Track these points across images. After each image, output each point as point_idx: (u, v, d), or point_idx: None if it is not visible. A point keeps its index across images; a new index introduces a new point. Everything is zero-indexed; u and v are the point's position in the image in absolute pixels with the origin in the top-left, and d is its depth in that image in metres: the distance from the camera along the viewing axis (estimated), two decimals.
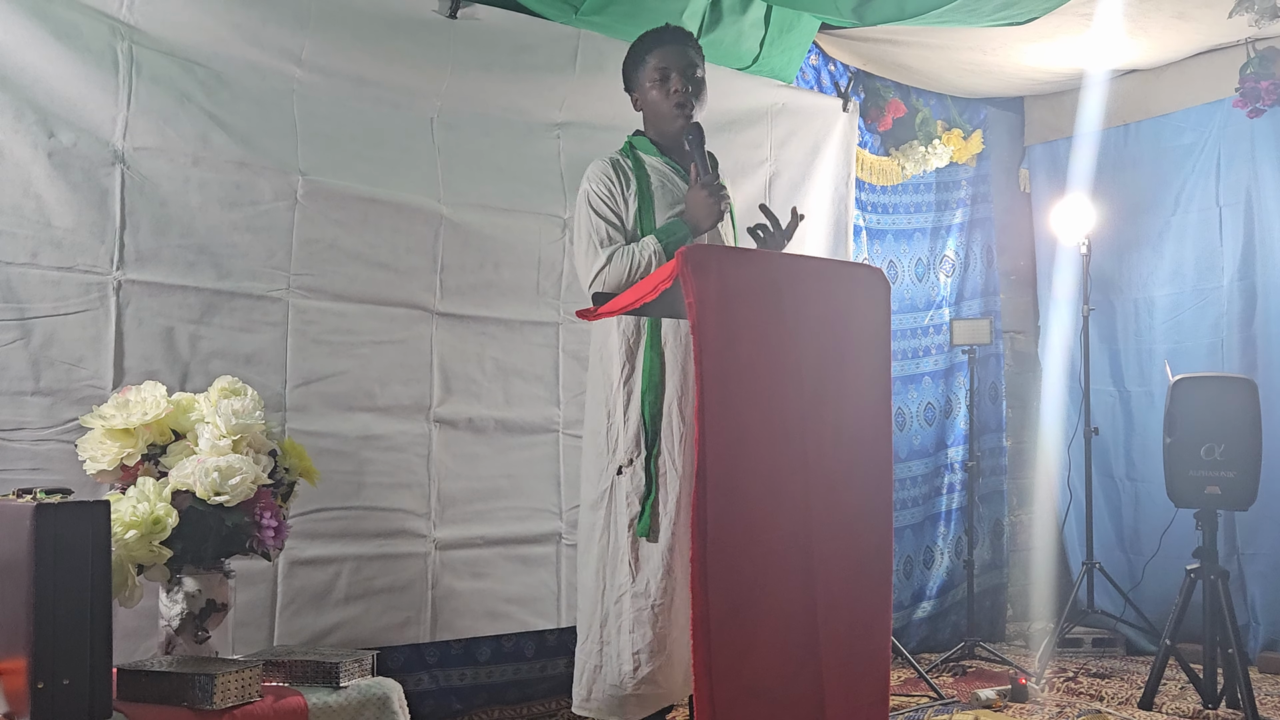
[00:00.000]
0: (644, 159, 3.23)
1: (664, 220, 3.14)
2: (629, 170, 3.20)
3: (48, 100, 2.96)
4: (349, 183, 3.48)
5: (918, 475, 5.41)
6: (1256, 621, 5.05)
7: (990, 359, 5.72)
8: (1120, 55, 5.14)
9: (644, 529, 3.03)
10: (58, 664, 2.05)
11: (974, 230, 5.72)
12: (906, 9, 4.03)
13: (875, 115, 5.20)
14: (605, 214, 3.14)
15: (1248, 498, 4.07)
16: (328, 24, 3.40)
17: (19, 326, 2.91)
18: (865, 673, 2.69)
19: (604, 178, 3.18)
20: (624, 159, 3.23)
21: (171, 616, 2.52)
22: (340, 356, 3.44)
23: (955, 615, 5.45)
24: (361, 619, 3.43)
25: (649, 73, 3.24)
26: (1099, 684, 4.62)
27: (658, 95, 3.22)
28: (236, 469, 2.48)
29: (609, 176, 3.18)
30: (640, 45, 3.29)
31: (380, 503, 3.47)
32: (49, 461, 2.90)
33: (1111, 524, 5.59)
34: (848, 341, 2.73)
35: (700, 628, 2.36)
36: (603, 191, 3.17)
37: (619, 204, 3.16)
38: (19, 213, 2.92)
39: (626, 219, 3.15)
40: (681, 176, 3.22)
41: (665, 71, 3.21)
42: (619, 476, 3.08)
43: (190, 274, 3.18)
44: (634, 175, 3.19)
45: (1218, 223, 5.31)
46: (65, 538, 2.08)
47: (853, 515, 2.66)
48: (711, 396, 2.42)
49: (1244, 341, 5.15)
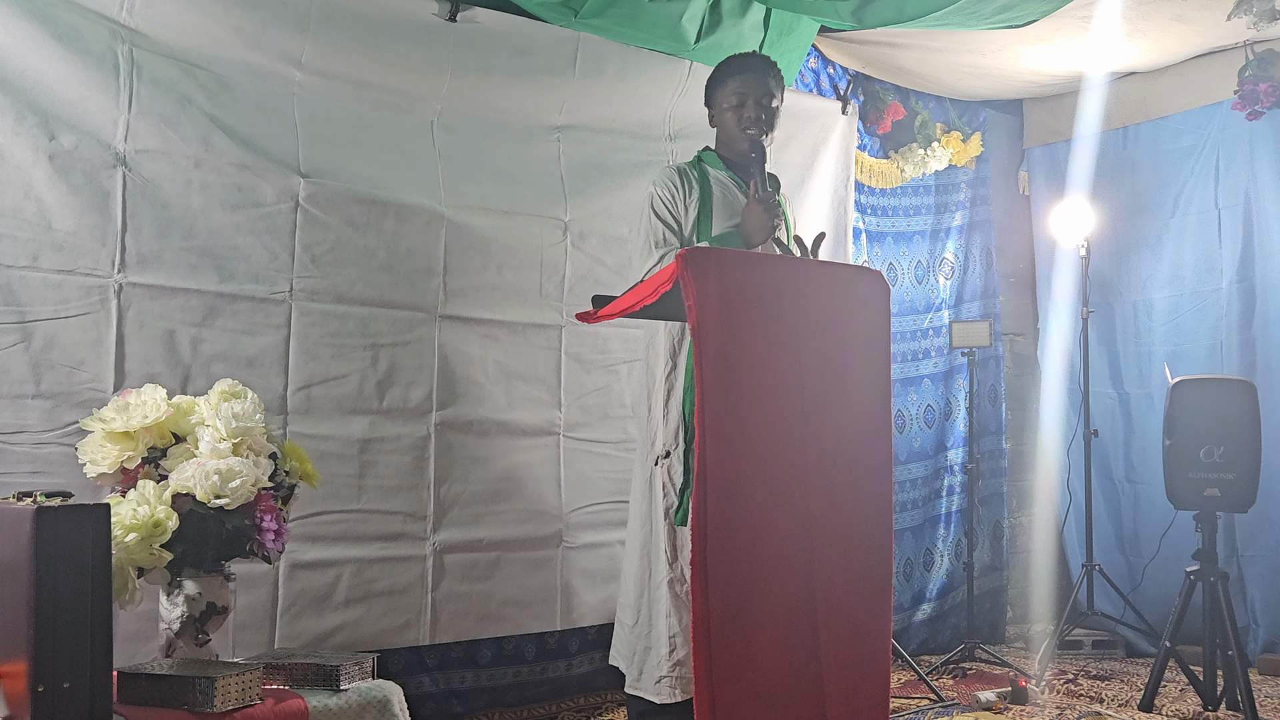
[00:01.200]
0: (710, 171, 3.41)
1: (721, 230, 3.29)
2: (694, 179, 3.37)
3: (49, 103, 2.97)
4: (350, 185, 3.48)
5: (917, 478, 5.41)
6: (1256, 623, 5.05)
7: (990, 361, 5.72)
8: (1119, 58, 5.15)
9: (681, 518, 3.20)
10: (58, 667, 2.05)
11: (973, 233, 5.73)
12: (905, 12, 4.03)
13: (874, 118, 5.20)
14: (665, 217, 3.31)
15: (1247, 499, 4.08)
16: (328, 27, 3.41)
17: (20, 329, 2.91)
18: (866, 675, 2.68)
19: (669, 183, 3.36)
20: (691, 169, 3.40)
21: (172, 619, 2.52)
22: (342, 359, 3.45)
23: (955, 617, 5.45)
24: (362, 622, 3.43)
25: (727, 95, 3.42)
26: (1099, 686, 4.62)
27: (732, 118, 3.40)
28: (237, 472, 2.48)
29: (674, 182, 3.36)
30: (725, 67, 3.48)
31: (381, 506, 3.47)
32: (49, 465, 2.91)
33: (1111, 526, 5.59)
34: (848, 344, 2.73)
35: (701, 630, 2.36)
36: (666, 196, 3.34)
37: (680, 209, 3.33)
38: (20, 215, 2.92)
39: (685, 224, 3.32)
40: (743, 191, 3.36)
41: (743, 97, 3.39)
42: (656, 467, 3.25)
43: (192, 276, 3.19)
44: (698, 184, 3.36)
45: (1216, 225, 5.31)
46: (66, 541, 2.07)
47: (853, 517, 2.66)
48: (711, 399, 2.42)
49: (1243, 344, 5.15)
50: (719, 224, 3.32)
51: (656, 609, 3.21)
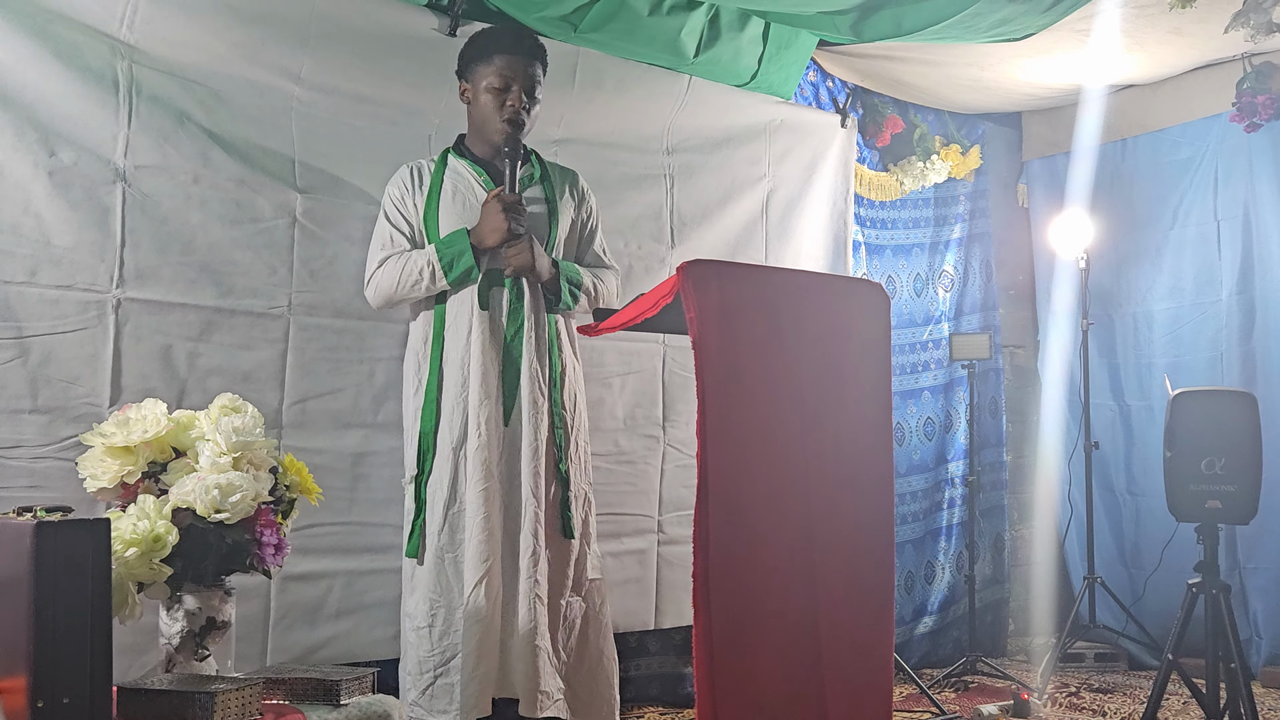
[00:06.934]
0: (450, 162, 3.27)
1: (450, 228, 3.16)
2: (426, 174, 3.24)
3: (48, 119, 2.97)
4: (348, 200, 3.48)
5: (918, 490, 5.40)
6: (1259, 635, 5.04)
7: (990, 374, 5.72)
8: (1117, 70, 5.16)
9: (412, 549, 3.14)
10: (58, 682, 2.04)
11: (972, 245, 5.73)
12: (904, 25, 4.04)
13: (873, 131, 5.21)
14: (395, 218, 3.21)
15: (1249, 511, 4.06)
16: (327, 42, 3.41)
17: (17, 345, 2.91)
18: (868, 688, 2.68)
19: (400, 181, 3.24)
20: (431, 163, 3.27)
21: (171, 634, 2.51)
22: (339, 373, 3.45)
23: (957, 630, 5.43)
24: (353, 633, 3.43)
25: (490, 74, 3.19)
26: (1101, 699, 4.61)
27: (491, 102, 3.20)
28: (236, 486, 2.47)
29: (404, 181, 3.23)
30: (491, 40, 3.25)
31: (373, 518, 3.46)
32: (46, 479, 2.91)
33: (1112, 538, 5.58)
34: (848, 356, 2.73)
35: (703, 643, 2.35)
36: (395, 194, 3.23)
37: (409, 208, 3.23)
38: (19, 231, 2.92)
39: (414, 223, 3.20)
40: (483, 185, 3.23)
41: (508, 81, 3.19)
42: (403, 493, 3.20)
43: (190, 292, 3.19)
44: (430, 178, 3.23)
45: (1216, 237, 5.32)
46: (66, 556, 2.07)
47: (854, 530, 2.66)
48: (712, 411, 2.41)
49: (1243, 355, 5.15)
50: (448, 222, 3.18)
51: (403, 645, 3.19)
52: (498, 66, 3.19)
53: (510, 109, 3.18)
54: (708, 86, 4.32)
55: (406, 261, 3.14)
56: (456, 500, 3.14)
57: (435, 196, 3.21)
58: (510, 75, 3.19)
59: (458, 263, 3.13)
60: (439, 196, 3.22)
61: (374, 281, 3.20)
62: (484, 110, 3.22)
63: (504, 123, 3.19)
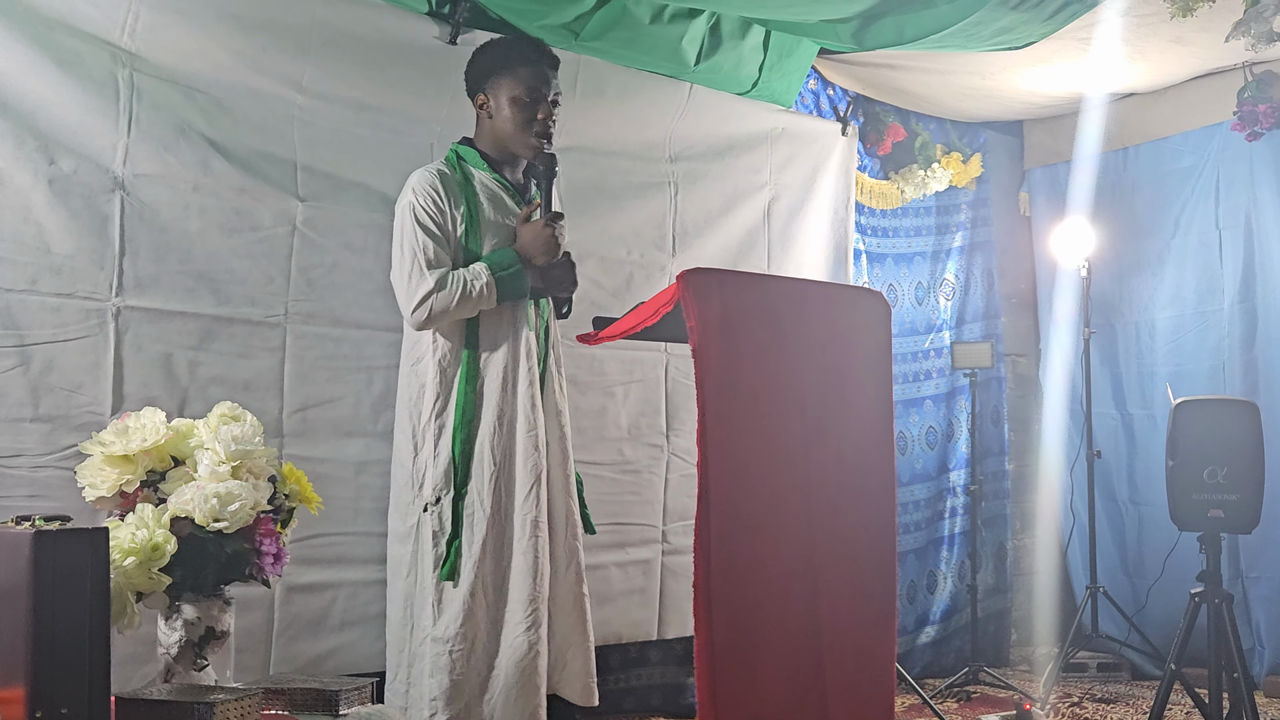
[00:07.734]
0: (474, 174, 3.15)
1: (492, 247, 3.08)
2: (457, 186, 3.09)
3: (48, 127, 2.96)
4: (348, 208, 3.48)
5: (920, 499, 5.39)
6: (1261, 645, 5.02)
7: (992, 382, 5.71)
8: (1118, 79, 5.16)
9: (446, 573, 2.99)
10: (56, 693, 2.03)
11: (974, 253, 5.73)
12: (905, 34, 4.04)
13: (875, 139, 5.21)
14: (432, 230, 3.01)
15: (1251, 521, 4.05)
16: (328, 50, 3.41)
17: (18, 353, 2.90)
18: (870, 699, 2.67)
19: (431, 191, 3.04)
20: (452, 172, 3.11)
21: (170, 644, 2.51)
22: (338, 382, 3.44)
23: (959, 640, 5.42)
24: (357, 644, 3.41)
25: (515, 86, 3.11)
26: (1104, 709, 4.59)
27: (517, 116, 3.10)
28: (235, 495, 2.46)
29: (436, 190, 3.04)
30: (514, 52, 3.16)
31: (376, 528, 3.44)
32: (47, 488, 2.90)
33: (1115, 548, 5.57)
34: (849, 365, 2.72)
35: (704, 653, 2.34)
36: (430, 206, 3.02)
37: (447, 222, 3.04)
38: (19, 239, 2.92)
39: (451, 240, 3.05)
40: (511, 197, 3.16)
41: (536, 94, 3.11)
42: (425, 514, 3.03)
43: (189, 300, 3.18)
44: (462, 192, 3.08)
45: (1217, 245, 5.31)
46: (64, 565, 2.06)
47: (856, 539, 2.65)
48: (713, 420, 2.41)
49: (1245, 364, 5.15)
50: (489, 240, 3.07)
51: (418, 667, 2.99)
52: (523, 78, 3.11)
53: (541, 123, 3.11)
54: (709, 94, 4.33)
55: (465, 281, 2.97)
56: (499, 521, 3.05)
57: (476, 211, 3.08)
58: (537, 88, 3.11)
59: (513, 282, 3.03)
60: (479, 211, 3.10)
61: (430, 301, 2.96)
62: (508, 122, 3.12)
63: (535, 137, 3.11)
